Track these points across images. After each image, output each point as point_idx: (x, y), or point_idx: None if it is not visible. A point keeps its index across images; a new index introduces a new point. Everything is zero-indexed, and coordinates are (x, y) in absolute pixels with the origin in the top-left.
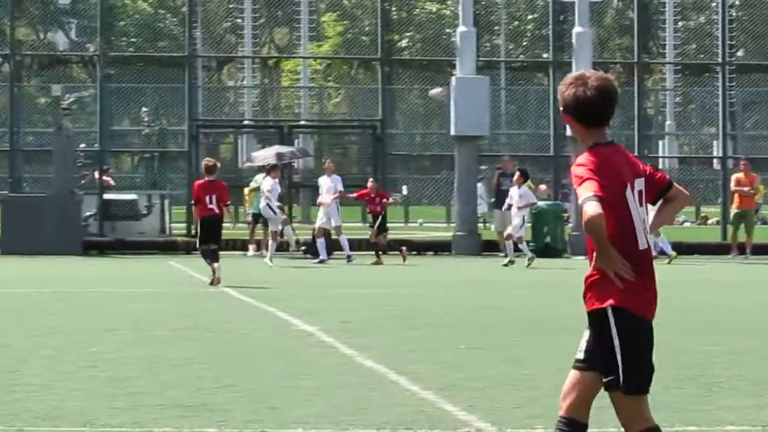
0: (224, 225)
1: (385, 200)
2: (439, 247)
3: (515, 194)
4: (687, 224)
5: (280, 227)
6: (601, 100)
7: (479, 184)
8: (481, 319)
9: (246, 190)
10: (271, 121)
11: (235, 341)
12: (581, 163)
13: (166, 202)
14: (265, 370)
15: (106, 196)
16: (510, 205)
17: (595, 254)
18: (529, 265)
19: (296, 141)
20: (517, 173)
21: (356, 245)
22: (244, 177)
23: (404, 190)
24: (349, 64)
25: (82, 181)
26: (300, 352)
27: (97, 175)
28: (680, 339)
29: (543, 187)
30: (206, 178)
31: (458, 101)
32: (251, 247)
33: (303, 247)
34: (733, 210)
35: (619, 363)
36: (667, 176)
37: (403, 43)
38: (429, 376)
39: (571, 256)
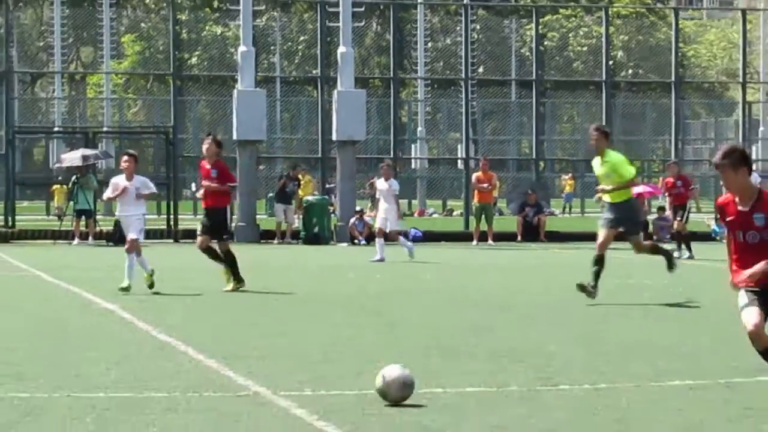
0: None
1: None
2: None
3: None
4: (435, 215)
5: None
6: None
7: None
8: (262, 297)
9: (56, 187)
10: (77, 128)
11: (46, 318)
12: None
13: None
14: (70, 343)
15: None
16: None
17: None
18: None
19: (100, 145)
20: (384, 166)
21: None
22: (54, 176)
23: (193, 187)
24: (145, 78)
25: None
26: (102, 327)
27: None
28: (431, 314)
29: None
30: None
31: (240, 111)
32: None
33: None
34: (475, 204)
35: None
36: None
37: (193, 60)
38: (213, 347)
39: (336, 243)
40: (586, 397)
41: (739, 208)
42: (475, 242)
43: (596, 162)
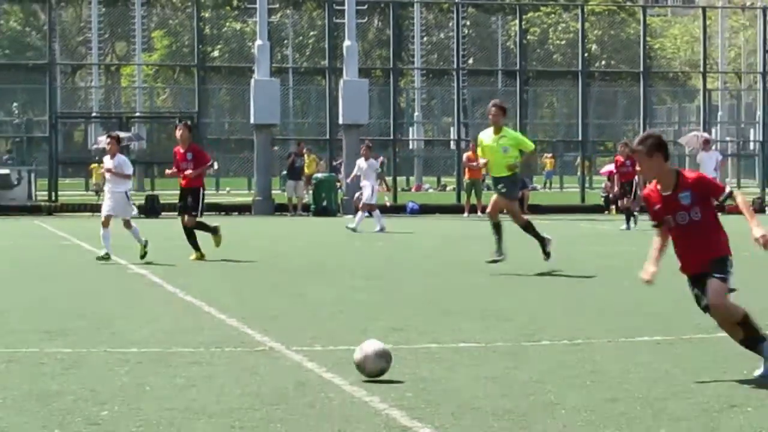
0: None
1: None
2: (242, 209)
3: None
4: (430, 190)
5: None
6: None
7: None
8: (277, 263)
9: (93, 166)
10: (113, 113)
11: (85, 281)
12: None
13: (33, 175)
14: (107, 303)
15: None
16: (358, 176)
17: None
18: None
19: (132, 128)
20: (364, 147)
21: None
22: (92, 156)
23: (215, 165)
24: (173, 69)
25: None
26: (134, 289)
27: None
28: (427, 278)
29: (321, 163)
30: None
31: (256, 98)
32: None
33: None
34: (465, 180)
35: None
36: None
37: (215, 53)
38: (233, 308)
39: (342, 215)
40: (565, 352)
41: (663, 193)
42: (466, 214)
43: (487, 135)
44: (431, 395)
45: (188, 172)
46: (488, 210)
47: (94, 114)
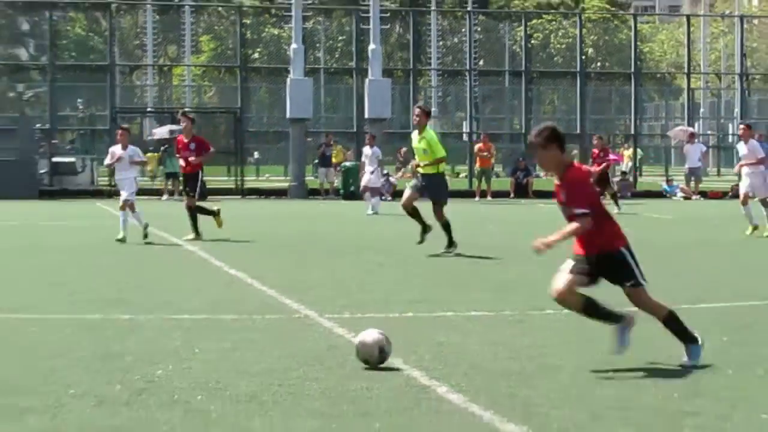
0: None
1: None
2: (279, 193)
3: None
4: (446, 178)
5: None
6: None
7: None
8: (311, 241)
9: (149, 155)
10: (165, 108)
11: (142, 256)
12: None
13: (95, 163)
14: (161, 276)
15: (54, 159)
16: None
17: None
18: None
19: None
20: (369, 137)
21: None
22: (147, 146)
23: (256, 154)
24: (218, 69)
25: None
26: (185, 264)
27: None
28: (443, 255)
29: (349, 153)
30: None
31: (291, 95)
32: (166, 194)
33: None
34: (477, 168)
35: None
36: None
37: (255, 55)
38: (272, 280)
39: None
40: (566, 320)
41: (555, 182)
42: (477, 198)
43: (414, 135)
44: (447, 358)
45: (192, 159)
46: (402, 203)
47: (148, 109)
